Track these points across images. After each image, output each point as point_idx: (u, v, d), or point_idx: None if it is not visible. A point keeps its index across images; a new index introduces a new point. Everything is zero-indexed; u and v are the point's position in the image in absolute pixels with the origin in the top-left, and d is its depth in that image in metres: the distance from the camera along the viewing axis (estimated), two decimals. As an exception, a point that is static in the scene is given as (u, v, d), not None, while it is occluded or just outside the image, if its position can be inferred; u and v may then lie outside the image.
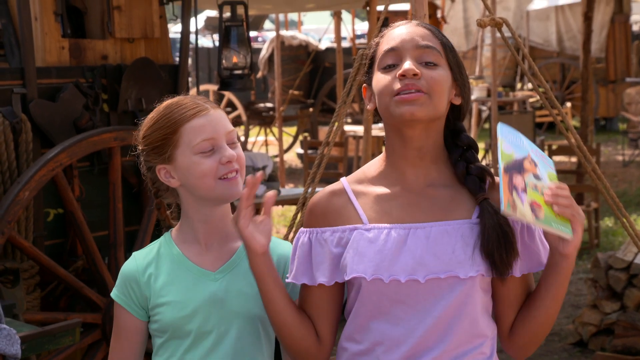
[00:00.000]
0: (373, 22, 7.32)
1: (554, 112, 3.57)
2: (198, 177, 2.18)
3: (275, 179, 6.65)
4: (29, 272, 4.31)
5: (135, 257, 2.27)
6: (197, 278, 2.21)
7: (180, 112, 2.19)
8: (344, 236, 2.13)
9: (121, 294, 2.24)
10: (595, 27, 11.96)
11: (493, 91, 9.61)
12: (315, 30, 24.94)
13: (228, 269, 2.23)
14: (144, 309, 2.24)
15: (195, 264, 2.23)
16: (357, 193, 2.17)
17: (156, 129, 2.21)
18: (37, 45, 4.47)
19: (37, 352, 3.83)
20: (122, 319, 2.25)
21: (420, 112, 2.07)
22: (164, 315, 2.21)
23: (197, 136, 2.17)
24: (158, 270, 2.23)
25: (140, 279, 2.22)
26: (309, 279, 2.16)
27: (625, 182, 12.10)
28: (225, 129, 2.20)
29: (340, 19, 10.80)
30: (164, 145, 2.20)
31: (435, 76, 2.10)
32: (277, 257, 2.26)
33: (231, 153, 2.18)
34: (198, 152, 2.17)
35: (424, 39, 2.13)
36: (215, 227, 2.24)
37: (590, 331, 5.95)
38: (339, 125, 3.69)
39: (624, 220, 3.55)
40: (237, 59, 5.18)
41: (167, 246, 2.25)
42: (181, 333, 2.21)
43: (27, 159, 4.29)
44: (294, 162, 14.87)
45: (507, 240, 2.06)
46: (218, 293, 2.20)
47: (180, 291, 2.20)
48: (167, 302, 2.20)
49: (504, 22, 3.45)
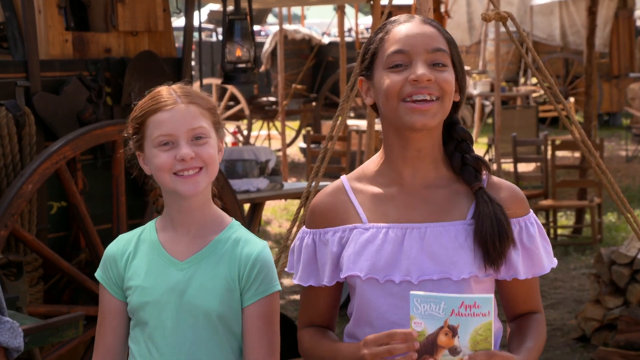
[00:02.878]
0: (377, 17, 7.31)
1: (558, 106, 3.56)
2: (155, 169, 2.21)
3: (278, 173, 6.64)
4: (32, 264, 4.31)
5: (119, 239, 2.31)
6: (165, 266, 2.22)
7: (150, 104, 2.22)
8: (344, 235, 2.14)
9: (103, 273, 2.28)
10: (599, 22, 11.92)
11: (496, 86, 9.61)
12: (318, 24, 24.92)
13: (195, 261, 2.22)
14: (121, 289, 2.26)
15: (167, 251, 2.23)
16: (356, 191, 2.18)
17: (133, 117, 2.25)
18: (40, 38, 4.46)
19: (40, 344, 3.83)
20: (104, 299, 2.28)
21: (432, 122, 2.08)
22: (132, 299, 2.23)
23: (156, 130, 2.19)
24: (135, 253, 2.26)
25: (119, 260, 2.26)
26: (315, 281, 2.18)
27: (629, 177, 12.08)
28: (188, 125, 2.18)
29: (344, 13, 10.79)
30: (137, 134, 2.24)
31: (446, 78, 2.09)
32: (243, 256, 2.21)
33: (186, 152, 2.16)
34: (157, 146, 2.19)
35: (434, 40, 2.11)
36: (190, 217, 2.24)
37: (593, 326, 5.94)
38: (342, 120, 3.69)
39: (629, 215, 3.54)
40: (240, 53, 5.17)
41: (148, 231, 2.28)
42: (143, 319, 2.22)
43: (31, 152, 4.29)
44: (297, 156, 14.87)
45: (501, 229, 2.06)
46: (180, 284, 2.20)
47: (147, 277, 2.22)
48: (134, 286, 2.23)
49: (508, 17, 3.44)
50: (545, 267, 2.14)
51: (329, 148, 3.63)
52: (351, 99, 3.72)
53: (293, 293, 7.42)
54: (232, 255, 2.22)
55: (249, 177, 6.30)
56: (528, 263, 2.12)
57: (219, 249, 2.23)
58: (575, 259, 8.16)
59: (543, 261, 2.14)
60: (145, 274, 2.23)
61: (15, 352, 2.29)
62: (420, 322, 1.94)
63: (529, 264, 2.13)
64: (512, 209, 2.13)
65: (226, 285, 2.20)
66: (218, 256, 2.22)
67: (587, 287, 6.94)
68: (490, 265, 2.07)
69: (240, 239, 2.24)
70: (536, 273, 2.14)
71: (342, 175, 2.25)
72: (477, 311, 1.93)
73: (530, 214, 2.17)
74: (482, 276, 2.08)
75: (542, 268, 2.14)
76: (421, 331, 1.94)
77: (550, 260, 2.16)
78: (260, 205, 6.36)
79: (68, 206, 4.51)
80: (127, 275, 2.24)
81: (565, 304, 6.83)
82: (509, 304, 2.20)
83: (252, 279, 2.20)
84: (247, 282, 2.20)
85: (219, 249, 2.23)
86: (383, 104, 2.12)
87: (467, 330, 1.93)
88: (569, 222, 9.63)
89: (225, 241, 2.24)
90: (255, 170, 6.37)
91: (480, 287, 2.10)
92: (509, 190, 2.17)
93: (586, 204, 8.71)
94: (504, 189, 2.17)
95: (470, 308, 1.93)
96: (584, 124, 9.05)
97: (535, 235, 2.13)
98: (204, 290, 2.20)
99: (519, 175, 9.18)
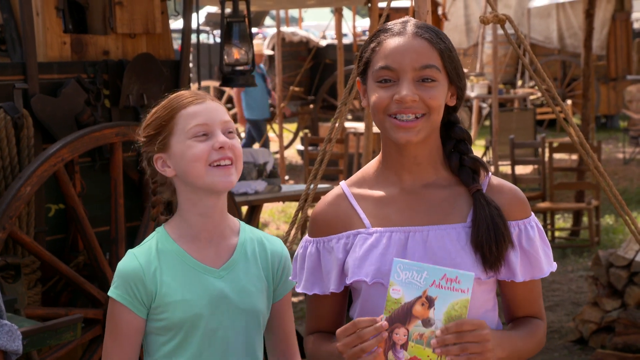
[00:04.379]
0: (374, 19, 7.31)
1: (556, 109, 3.57)
2: (190, 161, 2.19)
3: (276, 176, 6.64)
4: (30, 267, 4.31)
5: (135, 254, 2.24)
6: (202, 275, 2.21)
7: (178, 100, 2.24)
8: (349, 241, 2.15)
9: (124, 293, 2.21)
10: (596, 25, 11.95)
11: (494, 88, 9.62)
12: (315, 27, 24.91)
13: (231, 266, 2.24)
14: (147, 307, 2.23)
15: (198, 260, 2.22)
16: (357, 197, 2.18)
17: (154, 118, 2.25)
18: (38, 40, 4.46)
19: (39, 347, 3.83)
20: (124, 318, 2.22)
21: (416, 138, 2.09)
22: (172, 314, 2.20)
23: (191, 121, 2.20)
24: (162, 267, 2.21)
25: (145, 277, 2.20)
26: (320, 289, 2.18)
27: (626, 180, 12.09)
28: (221, 118, 2.23)
29: (341, 16, 10.79)
30: (161, 133, 2.23)
31: (433, 95, 2.08)
32: (271, 254, 2.31)
33: (224, 139, 2.20)
34: (192, 137, 2.19)
35: (424, 57, 2.08)
36: (214, 221, 2.25)
37: (591, 329, 5.95)
38: (340, 122, 3.69)
39: (627, 218, 3.55)
40: (238, 55, 5.17)
41: (164, 242, 2.24)
42: (190, 331, 2.21)
43: (29, 154, 4.29)
44: (294, 158, 14.87)
45: (497, 233, 2.06)
46: (224, 291, 2.22)
47: (187, 290, 2.20)
48: (175, 302, 2.19)
49: (507, 19, 3.45)
50: (545, 270, 2.14)
51: (328, 151, 3.63)
52: (349, 102, 3.72)
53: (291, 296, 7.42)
54: (262, 255, 2.29)
55: (247, 180, 6.30)
56: (527, 266, 2.12)
57: (247, 250, 2.28)
58: (573, 262, 8.17)
59: (542, 264, 2.13)
60: (182, 287, 2.20)
61: (13, 355, 2.28)
62: (399, 289, 1.97)
63: (528, 267, 2.12)
64: (512, 212, 2.13)
65: (263, 285, 2.28)
66: (249, 257, 2.27)
67: (585, 290, 6.94)
68: (490, 269, 2.07)
69: (261, 239, 2.32)
70: (535, 276, 2.13)
71: (342, 181, 2.26)
72: (457, 286, 1.95)
73: (531, 217, 2.17)
74: (485, 278, 2.09)
75: (541, 271, 2.14)
76: (398, 298, 1.96)
77: (549, 264, 2.16)
78: (258, 207, 6.36)
79: (66, 208, 4.51)
80: (161, 291, 2.20)
81: (563, 307, 6.84)
82: (509, 307, 2.21)
83: (284, 275, 2.31)
84: (280, 279, 2.31)
85: (247, 250, 2.28)
86: (372, 115, 2.14)
87: (444, 304, 1.95)
88: (566, 225, 9.64)
89: (250, 242, 2.29)
90: (253, 173, 6.37)
91: (482, 289, 2.11)
92: (509, 192, 2.16)
93: (584, 207, 8.71)
94: (505, 191, 2.16)
95: (451, 281, 1.95)
96: (581, 126, 9.05)
97: (535, 239, 2.13)
98: (247, 293, 2.24)
99: (517, 178, 9.19)
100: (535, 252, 2.12)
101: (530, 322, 2.18)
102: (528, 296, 2.18)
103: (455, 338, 1.93)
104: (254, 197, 6.22)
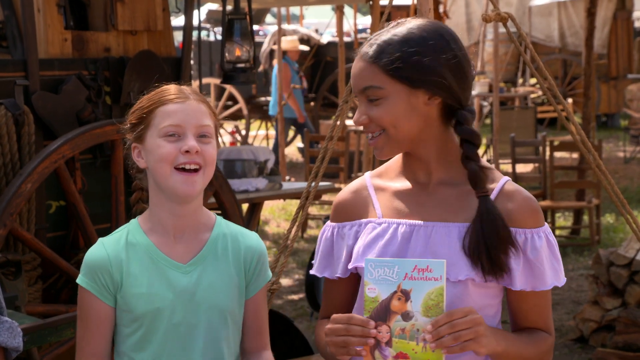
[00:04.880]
0: (376, 17, 7.31)
1: (558, 107, 3.56)
2: (157, 160, 2.17)
3: (277, 173, 6.63)
4: (31, 264, 4.31)
5: (104, 243, 2.24)
6: (168, 270, 2.21)
7: (161, 95, 2.22)
8: (360, 229, 2.19)
9: (91, 281, 2.22)
10: (597, 23, 11.90)
11: (495, 87, 9.60)
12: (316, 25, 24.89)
13: (199, 262, 2.23)
14: (113, 295, 2.22)
15: (166, 254, 2.22)
16: (377, 188, 2.22)
17: (138, 107, 2.24)
18: (39, 37, 4.45)
19: (39, 344, 3.83)
20: (91, 306, 2.22)
21: (384, 154, 2.14)
22: (136, 307, 2.20)
23: (166, 120, 2.18)
24: (129, 259, 2.21)
25: (111, 267, 2.20)
26: (330, 273, 2.23)
27: (627, 179, 12.09)
28: (197, 121, 2.18)
29: (342, 13, 10.78)
30: (140, 124, 2.21)
31: (380, 114, 2.10)
32: (244, 250, 2.27)
33: (192, 144, 2.16)
34: (163, 136, 2.17)
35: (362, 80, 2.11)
36: (184, 219, 2.23)
37: (591, 327, 5.94)
38: (341, 121, 3.69)
39: (628, 216, 3.54)
40: (240, 52, 5.17)
41: (135, 234, 2.23)
42: (153, 325, 2.20)
43: (30, 151, 4.29)
44: (295, 156, 14.86)
45: (491, 243, 2.04)
46: (189, 286, 2.20)
47: (152, 283, 2.20)
48: (139, 294, 2.19)
49: (509, 17, 3.44)
50: (548, 283, 2.10)
51: (329, 148, 3.62)
52: (350, 100, 3.72)
53: (291, 293, 7.42)
54: (234, 252, 2.26)
55: (248, 177, 6.30)
56: (528, 276, 2.09)
57: (218, 246, 2.25)
58: (574, 260, 8.17)
59: (545, 276, 2.09)
60: (149, 280, 2.20)
61: (14, 351, 2.28)
62: (374, 287, 1.98)
63: (530, 277, 2.09)
64: (521, 219, 2.10)
65: (234, 281, 2.25)
66: (219, 254, 2.24)
67: (585, 288, 6.94)
68: (487, 274, 2.06)
69: (235, 234, 2.28)
70: (536, 287, 2.10)
71: (367, 172, 2.31)
72: (429, 275, 1.96)
73: (541, 227, 2.12)
74: (479, 280, 2.08)
75: (543, 283, 2.10)
76: (375, 297, 1.98)
77: (556, 277, 2.11)
78: (259, 205, 6.35)
79: (67, 205, 4.51)
80: (126, 282, 2.20)
81: (564, 305, 6.84)
82: (514, 316, 2.18)
83: (258, 271, 2.28)
84: (253, 275, 2.27)
85: (218, 246, 2.25)
86: None
87: (420, 295, 1.96)
88: (567, 223, 9.64)
89: (222, 237, 2.26)
90: (254, 170, 6.36)
91: (482, 292, 2.10)
92: (521, 200, 2.12)
93: (584, 205, 8.71)
94: (517, 198, 2.12)
95: (422, 272, 1.96)
96: (582, 125, 9.05)
97: (541, 250, 2.09)
98: (214, 289, 2.22)
99: (517, 176, 9.18)
100: (540, 263, 2.09)
101: (535, 332, 2.16)
102: (534, 308, 2.15)
103: (448, 328, 1.93)
104: (254, 195, 6.21)
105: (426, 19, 2.18)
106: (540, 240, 2.10)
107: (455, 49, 2.11)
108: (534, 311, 2.15)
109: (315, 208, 10.59)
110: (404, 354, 1.96)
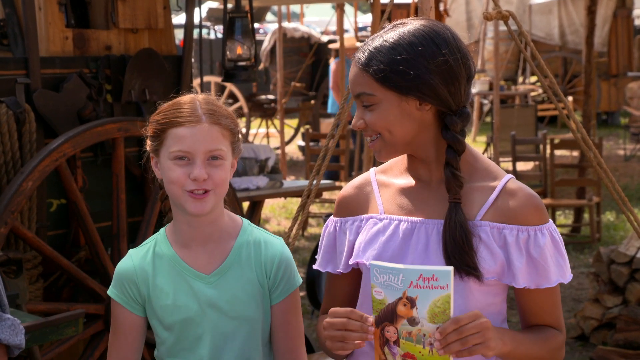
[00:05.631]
0: (377, 15, 7.30)
1: (559, 105, 3.56)
2: (167, 182, 2.19)
3: (278, 171, 6.63)
4: (32, 262, 4.31)
5: (132, 255, 2.27)
6: (192, 281, 2.22)
7: (175, 114, 2.19)
8: (361, 225, 2.20)
9: (118, 292, 2.25)
10: (597, 21, 11.90)
11: (495, 85, 9.60)
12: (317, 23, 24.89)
13: (222, 272, 2.23)
14: (142, 305, 2.25)
15: (190, 265, 2.23)
16: (380, 184, 2.23)
17: (155, 120, 2.23)
18: (40, 35, 4.45)
19: (40, 342, 3.83)
20: (120, 316, 2.26)
21: (382, 156, 2.16)
22: (163, 318, 2.23)
23: (175, 145, 2.17)
24: (155, 271, 2.23)
25: (137, 279, 2.23)
26: (332, 268, 2.25)
27: (627, 177, 12.09)
28: (207, 147, 2.16)
29: (343, 11, 10.78)
30: (156, 138, 2.21)
31: (374, 120, 2.11)
32: (266, 257, 2.25)
33: (200, 173, 2.15)
34: (173, 159, 2.18)
35: (357, 86, 2.12)
36: (204, 231, 2.24)
37: (592, 325, 5.95)
38: (342, 121, 3.69)
39: (629, 214, 3.54)
40: (241, 50, 5.17)
41: (162, 245, 2.26)
42: (182, 334, 2.22)
43: (31, 149, 4.29)
44: (296, 154, 14.86)
45: (452, 248, 2.06)
46: (213, 297, 2.21)
47: (177, 295, 2.22)
48: (165, 305, 2.22)
49: (510, 15, 3.44)
50: (552, 280, 2.09)
51: (330, 147, 3.63)
52: (351, 98, 3.72)
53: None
54: (256, 260, 2.25)
55: (249, 175, 6.30)
56: (532, 273, 2.09)
57: (242, 255, 2.24)
58: (574, 258, 8.17)
59: (549, 274, 2.09)
60: (174, 292, 2.22)
61: (16, 349, 2.28)
62: (380, 290, 1.99)
63: (533, 275, 2.09)
64: (523, 217, 2.10)
65: (256, 290, 2.24)
66: (242, 262, 2.24)
67: (586, 286, 6.95)
68: (462, 273, 2.06)
69: (259, 241, 2.26)
70: (540, 285, 2.09)
71: (372, 168, 2.31)
72: (435, 284, 1.94)
73: (545, 224, 2.11)
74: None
75: (547, 281, 2.09)
76: (381, 299, 1.98)
77: (561, 275, 2.11)
78: (260, 203, 6.35)
79: (68, 204, 4.50)
80: (153, 294, 2.23)
81: (564, 303, 6.85)
82: (523, 314, 2.18)
83: (279, 279, 2.25)
84: (275, 283, 2.25)
85: (242, 254, 2.24)
86: None
87: (426, 302, 1.95)
88: (567, 221, 9.64)
89: (246, 246, 2.25)
90: (255, 168, 6.36)
91: (484, 290, 2.10)
92: (523, 197, 2.12)
93: (585, 203, 8.71)
94: (518, 196, 2.12)
95: (428, 280, 1.94)
96: (582, 123, 9.05)
97: (545, 247, 2.09)
98: (238, 299, 2.22)
99: (518, 174, 9.18)
100: (544, 260, 2.08)
101: (544, 329, 2.16)
102: (542, 305, 2.14)
103: (456, 335, 1.93)
104: (255, 193, 6.21)
105: (424, 20, 2.15)
106: (544, 238, 2.10)
107: (446, 53, 2.08)
108: (542, 308, 2.15)
109: (316, 206, 10.60)
110: (411, 355, 1.98)
